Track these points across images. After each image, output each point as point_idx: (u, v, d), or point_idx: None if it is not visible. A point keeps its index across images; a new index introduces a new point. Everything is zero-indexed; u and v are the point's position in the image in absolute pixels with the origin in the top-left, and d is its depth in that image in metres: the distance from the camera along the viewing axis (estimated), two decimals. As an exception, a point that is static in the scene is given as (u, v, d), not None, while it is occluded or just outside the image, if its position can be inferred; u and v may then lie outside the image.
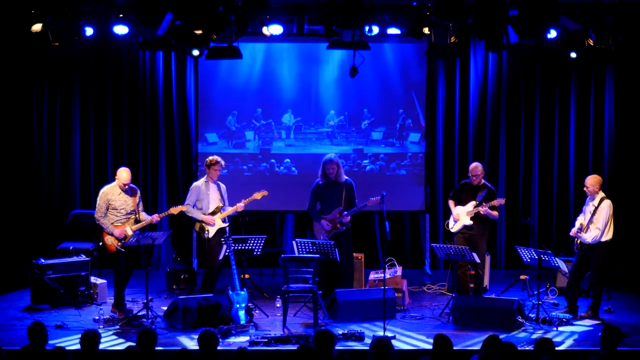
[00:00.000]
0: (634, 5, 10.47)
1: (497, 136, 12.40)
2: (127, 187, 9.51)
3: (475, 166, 10.10)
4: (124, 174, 9.52)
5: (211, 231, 9.85)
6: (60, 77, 12.23)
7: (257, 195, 10.04)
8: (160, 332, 8.50)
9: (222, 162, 10.04)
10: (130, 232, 9.45)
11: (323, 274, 9.61)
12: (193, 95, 12.06)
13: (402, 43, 11.63)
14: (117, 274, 9.51)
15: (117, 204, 9.45)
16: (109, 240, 9.43)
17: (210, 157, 10.02)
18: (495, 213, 9.94)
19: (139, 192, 9.69)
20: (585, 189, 9.47)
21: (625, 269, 11.58)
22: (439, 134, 12.35)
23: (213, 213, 9.93)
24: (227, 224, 10.06)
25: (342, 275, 9.98)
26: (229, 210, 10.00)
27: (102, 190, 9.55)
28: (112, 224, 9.43)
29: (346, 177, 10.23)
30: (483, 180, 10.11)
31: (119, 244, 9.39)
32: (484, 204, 9.82)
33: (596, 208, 9.31)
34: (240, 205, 9.98)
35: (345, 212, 10.01)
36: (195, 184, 10.18)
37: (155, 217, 9.77)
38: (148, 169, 12.40)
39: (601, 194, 9.38)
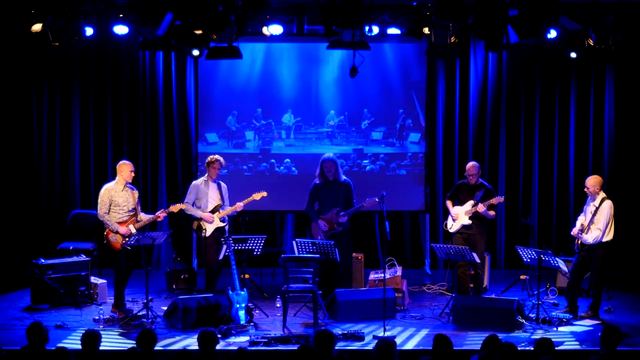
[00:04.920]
0: (634, 5, 10.48)
1: (497, 136, 12.40)
2: (132, 176, 9.50)
3: (472, 165, 10.10)
4: (126, 167, 9.51)
5: (208, 229, 9.88)
6: (60, 77, 12.23)
7: (256, 196, 10.04)
8: (160, 332, 8.52)
9: (222, 161, 10.04)
10: (134, 230, 9.45)
11: (323, 274, 9.61)
12: (193, 95, 12.06)
13: (402, 43, 11.63)
14: (118, 273, 9.50)
15: (120, 200, 9.44)
16: (114, 238, 9.42)
17: (211, 156, 10.05)
18: (492, 213, 9.95)
19: (137, 191, 9.72)
20: (585, 189, 9.46)
21: (625, 269, 11.58)
22: (439, 134, 12.35)
23: (212, 212, 9.95)
24: (226, 223, 10.07)
25: (340, 275, 9.98)
26: (228, 209, 10.00)
27: (104, 187, 9.53)
28: (115, 222, 9.44)
29: (344, 177, 10.24)
30: (480, 180, 10.11)
31: (125, 241, 9.38)
32: (484, 202, 9.82)
33: (597, 208, 9.31)
34: (239, 205, 9.98)
35: (342, 213, 10.01)
36: (194, 182, 10.20)
37: (160, 214, 9.73)
38: (148, 169, 12.40)
39: (602, 195, 9.37)
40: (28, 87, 12.11)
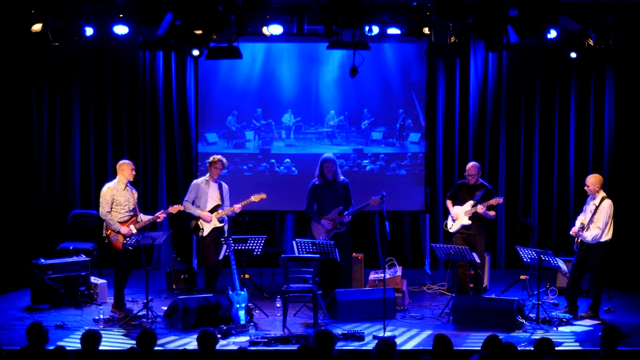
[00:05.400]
0: (634, 5, 10.48)
1: (497, 136, 12.40)
2: (133, 174, 9.50)
3: (472, 166, 10.10)
4: (127, 166, 9.52)
5: (206, 229, 9.88)
6: (60, 77, 12.22)
7: (255, 198, 10.04)
8: (160, 332, 8.52)
9: (224, 161, 10.06)
10: (135, 230, 9.45)
11: (323, 274, 9.61)
12: (193, 95, 12.06)
13: (402, 43, 11.63)
14: (117, 273, 9.50)
15: (121, 199, 9.44)
16: (115, 237, 9.41)
17: (213, 156, 10.06)
18: (492, 213, 9.94)
19: (136, 192, 9.73)
20: (585, 188, 9.47)
21: (625, 269, 11.58)
22: (439, 134, 12.35)
23: (210, 212, 9.95)
24: (224, 224, 10.07)
25: (340, 275, 9.98)
26: (227, 210, 10.00)
27: (106, 186, 9.53)
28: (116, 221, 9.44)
29: (342, 177, 10.24)
30: (480, 180, 10.11)
31: (125, 240, 9.37)
32: (483, 203, 9.82)
33: (597, 207, 9.31)
34: (237, 207, 9.98)
35: (346, 212, 10.01)
36: (195, 181, 10.23)
37: (160, 215, 9.75)
38: (148, 169, 12.39)
39: (602, 194, 9.38)
40: (28, 87, 12.11)
